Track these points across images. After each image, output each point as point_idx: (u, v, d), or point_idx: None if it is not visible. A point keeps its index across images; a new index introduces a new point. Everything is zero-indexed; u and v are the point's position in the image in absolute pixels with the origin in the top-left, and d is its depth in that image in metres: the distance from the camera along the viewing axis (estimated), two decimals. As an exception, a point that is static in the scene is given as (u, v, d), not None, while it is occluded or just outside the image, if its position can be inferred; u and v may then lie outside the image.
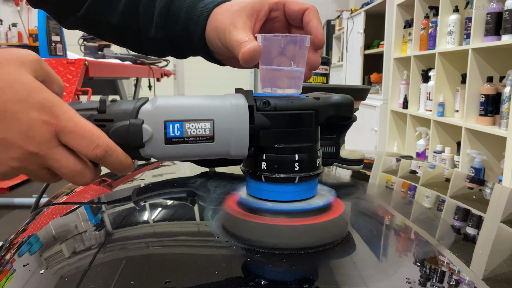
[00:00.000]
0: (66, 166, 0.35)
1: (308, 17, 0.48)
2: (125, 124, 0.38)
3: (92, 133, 0.35)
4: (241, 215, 0.45)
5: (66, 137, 0.34)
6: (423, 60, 2.81)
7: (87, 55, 2.37)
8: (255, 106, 0.41)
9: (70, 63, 1.54)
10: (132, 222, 0.49)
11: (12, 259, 0.41)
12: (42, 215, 0.53)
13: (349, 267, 0.37)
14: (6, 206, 2.75)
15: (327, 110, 0.43)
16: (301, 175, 0.43)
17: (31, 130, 0.33)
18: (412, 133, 2.93)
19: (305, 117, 0.43)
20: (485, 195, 0.67)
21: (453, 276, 0.36)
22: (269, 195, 0.45)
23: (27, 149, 0.34)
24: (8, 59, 0.34)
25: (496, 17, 1.99)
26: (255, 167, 0.44)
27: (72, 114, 0.35)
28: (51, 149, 0.34)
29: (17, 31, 5.03)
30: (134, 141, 0.38)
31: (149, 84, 2.75)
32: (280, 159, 0.43)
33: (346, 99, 0.44)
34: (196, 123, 0.39)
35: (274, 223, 0.43)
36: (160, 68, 2.79)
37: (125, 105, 0.39)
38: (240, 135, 0.40)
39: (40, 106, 0.33)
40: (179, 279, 0.34)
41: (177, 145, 0.39)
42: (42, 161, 0.35)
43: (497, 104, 2.04)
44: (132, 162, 0.39)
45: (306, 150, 0.43)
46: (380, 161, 0.91)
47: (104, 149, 0.36)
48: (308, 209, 0.44)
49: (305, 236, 0.42)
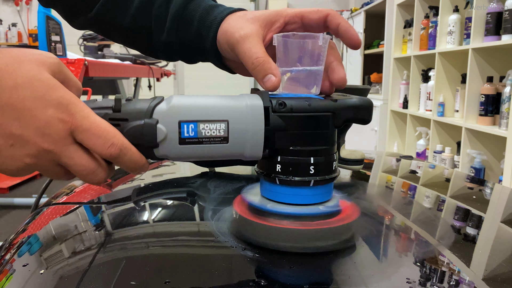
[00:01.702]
0: (80, 163, 0.35)
1: (335, 22, 0.46)
2: (139, 123, 0.38)
3: (107, 132, 0.35)
4: (251, 217, 0.45)
5: (81, 135, 0.35)
6: (423, 60, 2.81)
7: (87, 55, 2.37)
8: (271, 107, 0.41)
9: (70, 63, 1.54)
10: (132, 222, 0.49)
11: (12, 259, 0.41)
12: (42, 215, 0.53)
13: (349, 267, 0.37)
14: (6, 206, 2.75)
15: (345, 112, 0.43)
16: (316, 178, 0.43)
17: (47, 127, 0.34)
18: (412, 133, 2.93)
19: (322, 119, 0.42)
20: (485, 195, 0.67)
21: (453, 276, 0.36)
22: (283, 198, 0.44)
23: (42, 146, 0.34)
24: (29, 57, 0.34)
25: (496, 17, 2.00)
26: (269, 169, 0.43)
27: (87, 112, 0.35)
28: (66, 147, 0.35)
29: (16, 31, 5.03)
30: (148, 141, 0.38)
31: (149, 84, 2.75)
32: (295, 162, 0.42)
33: (365, 102, 0.43)
34: (211, 123, 0.39)
35: (281, 226, 0.43)
36: (160, 68, 2.79)
37: (140, 104, 0.39)
38: (255, 136, 0.40)
39: (57, 104, 0.34)
40: (179, 279, 0.34)
41: (191, 145, 0.39)
42: (56, 158, 0.35)
43: (497, 104, 2.04)
44: (146, 161, 0.39)
45: (322, 153, 0.42)
46: (380, 161, 0.91)
47: (119, 148, 0.36)
48: (318, 213, 0.44)
49: (311, 241, 0.42)
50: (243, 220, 0.45)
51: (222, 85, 5.20)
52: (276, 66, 0.44)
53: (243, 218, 0.46)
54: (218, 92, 5.41)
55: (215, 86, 5.10)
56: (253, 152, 0.41)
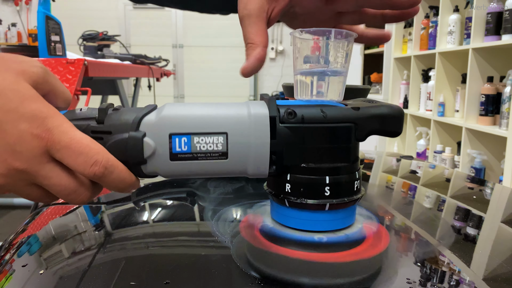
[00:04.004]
0: (59, 184, 0.31)
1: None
2: (123, 137, 0.33)
3: (89, 148, 0.31)
4: (258, 243, 0.39)
5: (59, 153, 0.31)
6: (423, 60, 2.81)
7: (87, 55, 2.37)
8: (278, 117, 0.35)
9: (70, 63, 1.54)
10: (131, 222, 0.49)
11: (12, 260, 0.41)
12: (42, 215, 0.53)
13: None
14: (5, 206, 2.75)
15: (369, 123, 0.36)
16: (333, 201, 0.36)
17: (19, 143, 0.30)
18: (412, 133, 2.93)
19: (340, 131, 0.36)
20: (485, 195, 0.67)
21: (453, 276, 0.36)
22: (294, 223, 0.38)
23: (13, 165, 0.30)
24: (8, 65, 0.31)
25: (496, 17, 1.99)
26: (278, 188, 0.38)
27: (67, 127, 0.31)
28: (41, 165, 0.31)
29: (16, 31, 5.03)
30: (134, 157, 0.33)
31: (149, 84, 2.74)
32: (307, 182, 0.36)
33: (395, 110, 0.37)
34: (207, 136, 0.34)
35: (291, 255, 0.37)
36: (160, 68, 2.78)
37: (126, 115, 0.34)
38: (259, 151, 0.35)
39: (31, 117, 0.30)
40: (178, 279, 0.34)
41: (184, 161, 0.34)
42: (30, 178, 0.31)
43: (498, 104, 2.04)
44: (137, 179, 0.35)
45: (341, 172, 0.36)
46: (380, 161, 0.91)
47: (104, 166, 0.31)
48: (337, 241, 0.38)
49: (325, 277, 0.34)
50: (249, 246, 0.40)
51: (222, 85, 5.20)
52: (260, 52, 0.42)
53: (250, 244, 0.40)
54: (218, 92, 5.43)
55: (215, 86, 5.10)
56: (257, 170, 0.35)
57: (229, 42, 5.03)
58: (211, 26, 5.06)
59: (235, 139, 0.34)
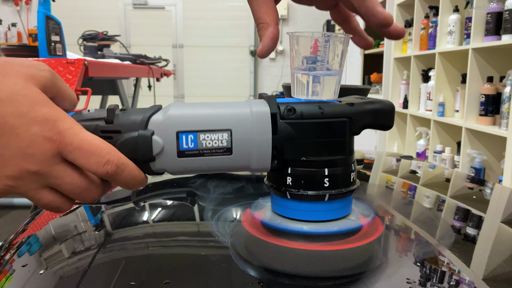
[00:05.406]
0: (71, 182, 0.32)
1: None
2: (133, 135, 0.35)
3: (101, 148, 0.32)
4: (261, 235, 0.41)
5: (72, 154, 0.32)
6: (423, 60, 2.81)
7: (87, 55, 2.37)
8: (279, 114, 0.37)
9: (70, 63, 1.54)
10: (131, 222, 0.49)
11: (12, 260, 0.41)
12: (42, 215, 0.53)
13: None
14: (5, 206, 2.75)
15: (363, 118, 0.39)
16: (332, 192, 0.39)
17: (31, 147, 0.31)
18: (412, 133, 2.93)
19: (336, 126, 0.38)
20: (485, 195, 0.67)
21: (453, 276, 0.36)
22: (295, 214, 0.41)
23: (25, 167, 0.31)
24: (16, 70, 0.32)
25: (496, 17, 1.99)
26: (279, 182, 0.40)
27: (77, 129, 0.32)
28: (53, 166, 0.32)
29: (16, 31, 5.03)
30: (144, 154, 0.35)
31: (149, 84, 2.74)
32: (307, 174, 0.39)
33: (386, 105, 0.40)
34: (212, 133, 0.36)
35: (292, 246, 0.39)
36: (160, 68, 2.78)
37: (135, 115, 0.36)
38: (262, 146, 0.37)
39: (43, 121, 0.31)
40: (178, 279, 0.34)
41: (191, 158, 0.36)
42: (43, 180, 0.32)
43: (497, 104, 2.04)
44: (146, 176, 0.36)
45: (338, 164, 0.39)
46: (380, 161, 0.91)
47: (116, 165, 0.32)
48: (333, 232, 0.41)
49: (325, 265, 0.37)
50: (251, 238, 0.42)
51: (222, 85, 5.21)
52: (273, 31, 0.43)
53: (252, 236, 0.42)
54: (217, 92, 5.43)
55: (215, 86, 5.10)
56: (260, 164, 0.38)
57: (229, 42, 5.03)
58: (211, 26, 5.06)
59: (239, 135, 0.36)
